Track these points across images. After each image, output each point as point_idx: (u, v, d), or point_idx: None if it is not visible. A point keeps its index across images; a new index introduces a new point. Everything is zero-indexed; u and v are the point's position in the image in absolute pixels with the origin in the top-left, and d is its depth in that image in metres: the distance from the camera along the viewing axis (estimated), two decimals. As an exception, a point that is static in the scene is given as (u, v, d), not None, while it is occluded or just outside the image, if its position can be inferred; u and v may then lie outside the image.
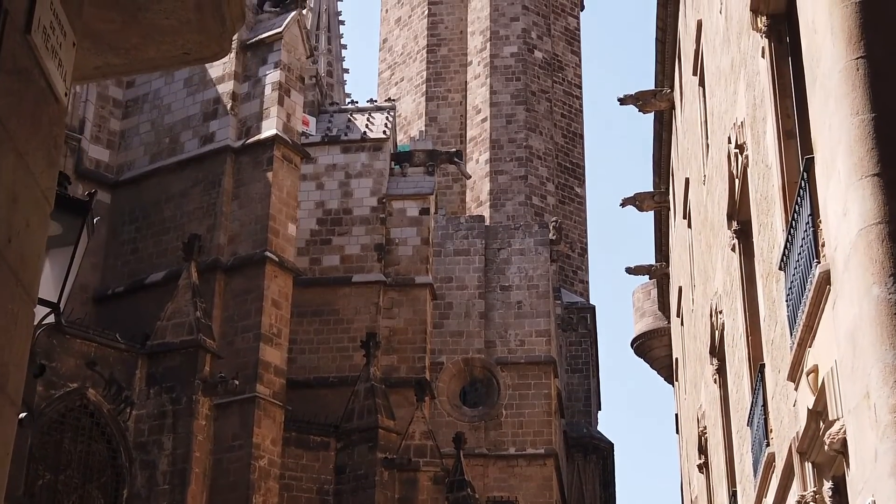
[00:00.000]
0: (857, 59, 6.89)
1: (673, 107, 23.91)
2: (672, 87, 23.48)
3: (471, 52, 48.32)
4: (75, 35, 4.70)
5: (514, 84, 46.75)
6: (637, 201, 27.39)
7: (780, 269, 9.36)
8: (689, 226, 20.73)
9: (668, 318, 31.69)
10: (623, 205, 27.29)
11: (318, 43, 58.41)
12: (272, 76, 25.36)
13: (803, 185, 8.10)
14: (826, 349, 7.65)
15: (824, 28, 7.28)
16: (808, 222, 8.01)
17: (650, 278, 32.02)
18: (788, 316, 9.02)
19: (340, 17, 61.56)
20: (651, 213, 28.84)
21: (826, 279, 7.38)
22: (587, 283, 47.06)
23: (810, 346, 8.17)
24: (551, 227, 37.92)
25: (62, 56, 4.53)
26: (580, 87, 50.02)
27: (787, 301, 9.08)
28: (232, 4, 5.07)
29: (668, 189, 26.60)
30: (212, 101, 25.96)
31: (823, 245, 7.61)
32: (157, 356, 21.92)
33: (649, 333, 35.73)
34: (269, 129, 24.93)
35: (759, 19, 10.30)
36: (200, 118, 25.98)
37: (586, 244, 47.57)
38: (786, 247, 8.90)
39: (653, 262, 30.67)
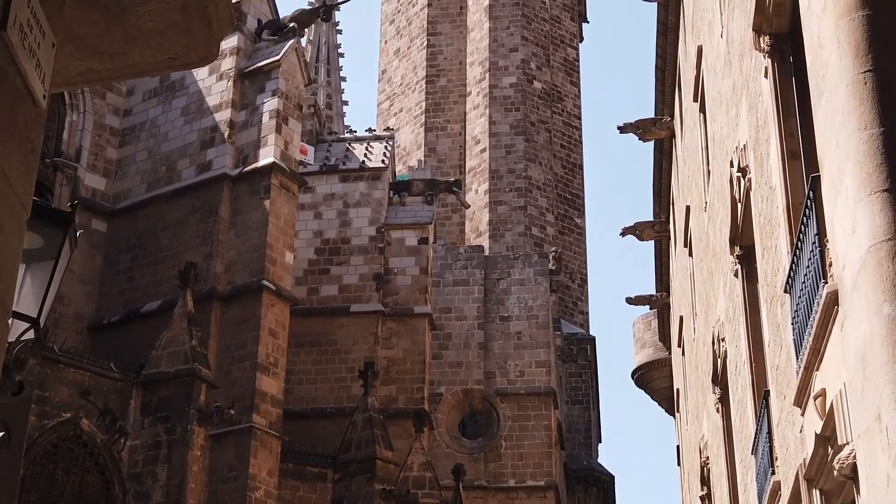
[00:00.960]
0: (865, 72, 6.74)
1: (673, 135, 23.85)
2: (672, 116, 23.44)
3: (470, 83, 48.32)
4: (56, 37, 4.52)
5: (514, 114, 46.70)
6: (637, 231, 27.30)
7: (785, 291, 9.18)
8: (690, 254, 20.63)
9: (668, 348, 31.52)
10: (623, 234, 27.18)
11: (318, 75, 58.52)
12: (270, 104, 25.25)
13: (809, 204, 7.94)
14: (834, 372, 7.47)
15: (830, 42, 7.13)
16: (814, 242, 7.84)
17: (651, 308, 31.88)
18: (794, 339, 8.84)
19: (340, 50, 61.79)
20: (651, 243, 28.76)
21: (834, 299, 7.20)
22: (587, 314, 46.84)
23: (817, 370, 7.98)
24: (551, 258, 37.76)
25: (41, 56, 4.35)
26: (579, 118, 50.00)
27: (792, 324, 8.90)
28: (219, 6, 4.89)
29: (668, 218, 26.52)
30: (209, 130, 25.85)
31: (831, 265, 7.44)
32: (152, 385, 21.68)
33: (650, 364, 35.52)
34: (266, 157, 24.80)
35: (761, 39, 10.19)
36: (197, 146, 25.86)
37: (586, 275, 47.38)
38: (791, 269, 8.73)
39: (653, 292, 30.54)
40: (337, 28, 61.86)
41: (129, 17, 4.80)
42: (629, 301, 30.54)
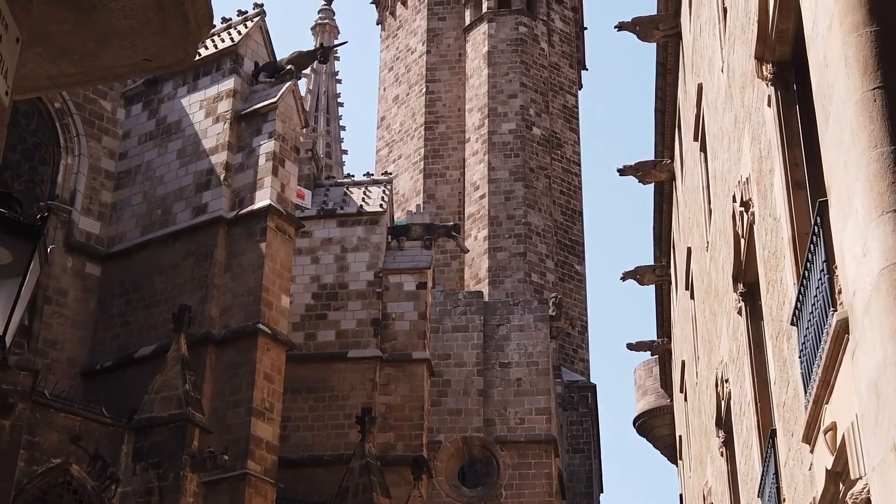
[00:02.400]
0: (874, 89, 6.54)
1: (673, 177, 23.81)
2: (672, 158, 23.40)
3: (469, 129, 48.30)
4: (22, 32, 4.25)
5: (513, 161, 46.63)
6: (638, 275, 27.20)
7: (791, 324, 8.95)
8: (692, 297, 20.50)
9: (670, 395, 31.29)
10: (624, 278, 27.06)
11: (317, 124, 58.66)
12: (266, 146, 25.10)
13: (816, 230, 7.72)
14: (845, 404, 7.21)
15: (837, 60, 6.92)
16: (822, 269, 7.61)
17: (652, 354, 31.68)
18: (802, 373, 8.60)
19: (339, 99, 62.02)
20: (652, 288, 28.64)
21: (844, 328, 6.96)
22: (588, 361, 46.51)
23: (827, 403, 7.74)
24: (551, 303, 37.49)
25: (3, 50, 4.07)
26: (579, 165, 49.97)
27: (800, 357, 8.66)
28: (197, 4, 4.63)
29: (669, 262, 26.43)
30: (205, 172, 25.68)
31: (840, 292, 7.20)
32: (144, 430, 21.30)
33: (652, 412, 35.22)
34: (262, 199, 24.60)
35: (764, 67, 10.03)
36: (193, 189, 25.68)
37: (586, 322, 47.11)
38: (798, 300, 8.51)
39: (654, 337, 30.35)
40: (336, 78, 62.16)
41: (101, 13, 4.54)
42: (630, 347, 30.37)
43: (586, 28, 54.65)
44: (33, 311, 24.27)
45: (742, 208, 11.82)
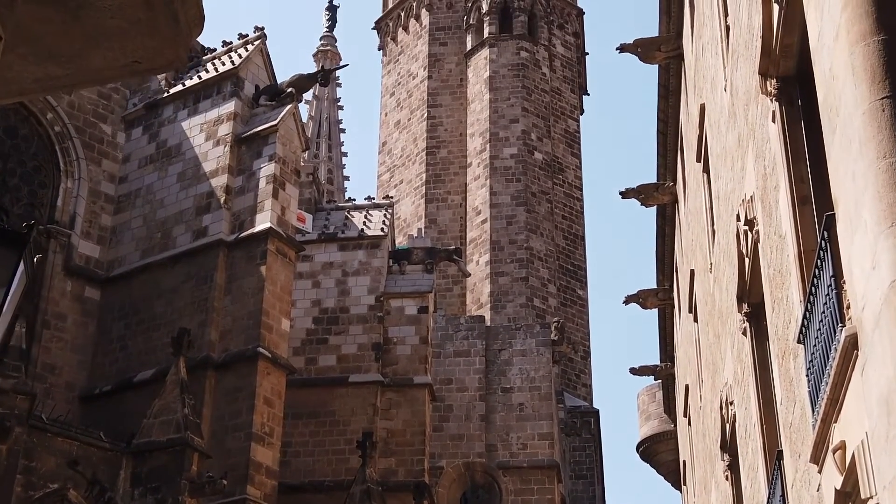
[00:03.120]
0: (882, 98, 6.43)
1: (675, 200, 23.74)
2: (674, 181, 23.31)
3: (470, 154, 48.25)
4: (5, 31, 4.11)
5: (515, 185, 46.55)
6: (640, 299, 27.09)
7: (798, 342, 8.81)
8: (696, 320, 20.40)
9: (674, 420, 31.12)
10: (626, 302, 26.96)
11: (319, 150, 58.66)
12: (267, 169, 25.00)
13: (824, 245, 7.59)
14: (854, 421, 7.06)
15: (844, 70, 6.81)
16: (830, 285, 7.48)
17: (655, 379, 31.53)
18: (810, 392, 8.46)
19: (341, 125, 62.07)
20: (655, 312, 28.51)
21: (853, 343, 6.82)
22: (590, 386, 46.28)
23: (836, 422, 7.59)
24: (553, 328, 37.33)
25: (-16, 49, 3.94)
26: (581, 189, 49.88)
27: (807, 376, 8.53)
28: (187, 3, 4.49)
29: (671, 286, 26.33)
30: (205, 195, 25.57)
31: (849, 307, 7.06)
32: (143, 455, 21.10)
33: (655, 437, 35.00)
34: (262, 222, 24.48)
35: (768, 82, 9.92)
36: (193, 212, 25.56)
37: (589, 347, 46.91)
38: (805, 317, 8.38)
39: (657, 362, 30.21)
40: (338, 104, 62.21)
41: (89, 13, 4.41)
42: (633, 372, 30.21)
43: (587, 53, 54.75)
44: (32, 335, 24.11)
45: (746, 227, 11.70)
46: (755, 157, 11.11)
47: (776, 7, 9.21)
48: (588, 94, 54.43)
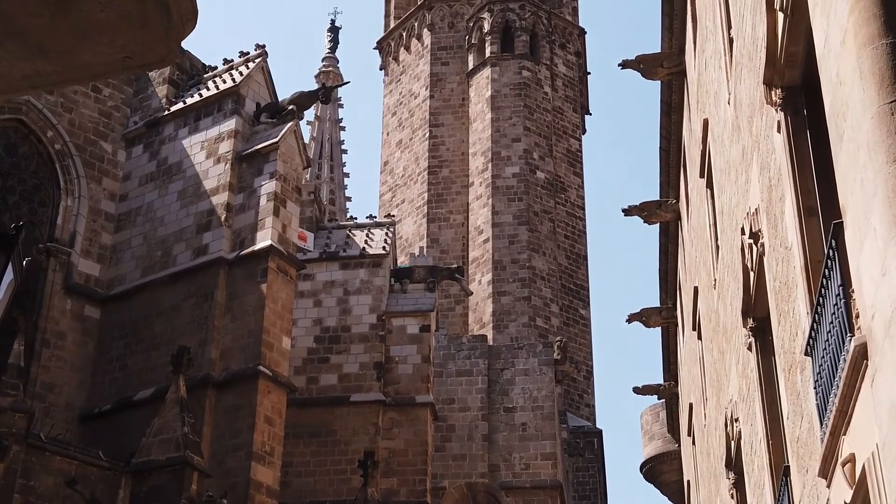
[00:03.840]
0: (891, 102, 6.32)
1: (678, 218, 23.67)
2: (677, 198, 23.23)
3: (472, 173, 48.18)
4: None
5: (517, 204, 46.44)
6: (644, 317, 26.98)
7: (805, 355, 8.69)
8: (700, 337, 20.30)
9: (678, 440, 30.97)
10: (629, 321, 26.85)
11: (321, 171, 58.64)
12: (267, 186, 24.89)
13: (831, 254, 7.48)
14: (864, 433, 6.93)
15: (852, 75, 6.70)
16: (838, 294, 7.37)
17: (659, 398, 31.38)
18: (818, 405, 8.33)
19: (343, 146, 62.07)
20: (658, 330, 28.41)
21: (862, 353, 6.70)
22: (593, 406, 46.06)
23: (845, 435, 7.45)
24: (556, 347, 37.16)
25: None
26: (583, 209, 49.77)
27: (815, 388, 8.40)
28: (180, -4, 4.36)
29: (675, 304, 26.23)
30: (205, 213, 25.46)
31: (857, 316, 6.94)
32: (142, 474, 20.91)
33: (659, 457, 34.83)
34: (263, 240, 24.34)
35: (773, 92, 9.83)
36: (194, 230, 25.43)
37: (592, 367, 46.72)
38: (812, 328, 8.25)
39: (661, 381, 30.08)
40: (340, 125, 62.23)
41: (78, 6, 4.29)
42: (636, 391, 30.09)
43: (589, 73, 54.76)
44: (31, 354, 23.97)
45: (751, 240, 11.60)
46: (760, 170, 11.01)
47: (781, 16, 9.13)
48: (590, 114, 54.44)
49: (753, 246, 11.50)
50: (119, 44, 4.45)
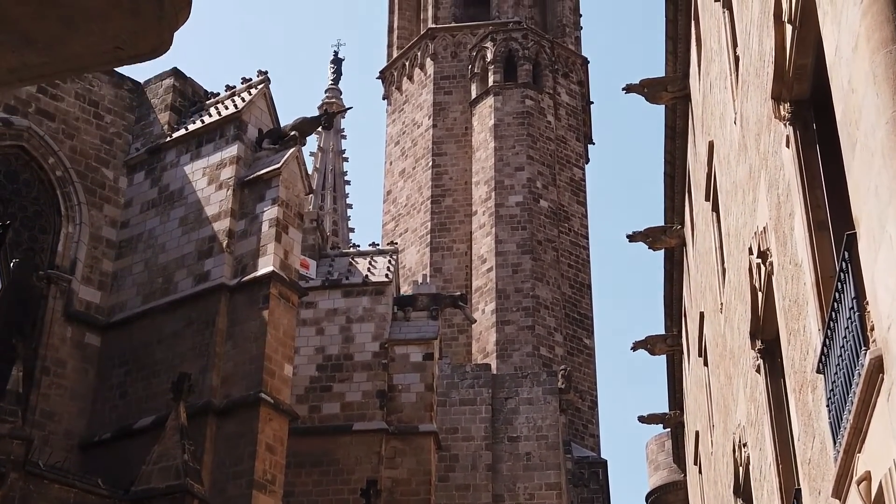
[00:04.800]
0: (906, 107, 6.16)
1: (683, 243, 23.57)
2: (682, 224, 23.13)
3: (476, 202, 48.05)
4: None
5: (520, 233, 46.28)
6: (649, 345, 26.86)
7: (817, 372, 8.51)
8: (706, 363, 20.18)
9: (683, 470, 30.73)
10: (634, 348, 26.72)
11: (324, 203, 58.57)
12: (270, 213, 24.74)
13: (844, 266, 7.31)
14: (880, 450, 6.75)
15: (865, 81, 6.56)
16: (851, 307, 7.21)
17: (664, 427, 31.16)
18: (831, 423, 8.15)
19: (346, 177, 62.04)
20: (664, 358, 28.27)
21: (878, 366, 6.53)
22: (598, 437, 45.71)
23: (860, 452, 7.27)
24: (560, 376, 36.92)
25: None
26: (587, 238, 49.60)
27: (828, 406, 8.22)
28: (171, -17, 4.20)
29: (680, 332, 26.10)
30: (207, 240, 25.30)
31: (872, 329, 6.78)
32: (142, 502, 20.66)
33: (665, 487, 34.61)
34: (265, 266, 24.15)
35: (781, 107, 9.71)
36: (195, 257, 25.27)
37: (596, 397, 46.41)
38: (824, 345, 8.08)
39: (666, 410, 29.89)
40: (343, 156, 62.24)
41: (66, -8, 4.12)
42: (642, 420, 29.90)
43: (592, 102, 54.74)
44: (31, 382, 23.77)
45: (759, 259, 11.46)
46: (768, 187, 10.89)
47: (789, 28, 9.01)
48: (593, 144, 54.38)
49: (762, 265, 11.37)
50: (110, 33, 4.29)
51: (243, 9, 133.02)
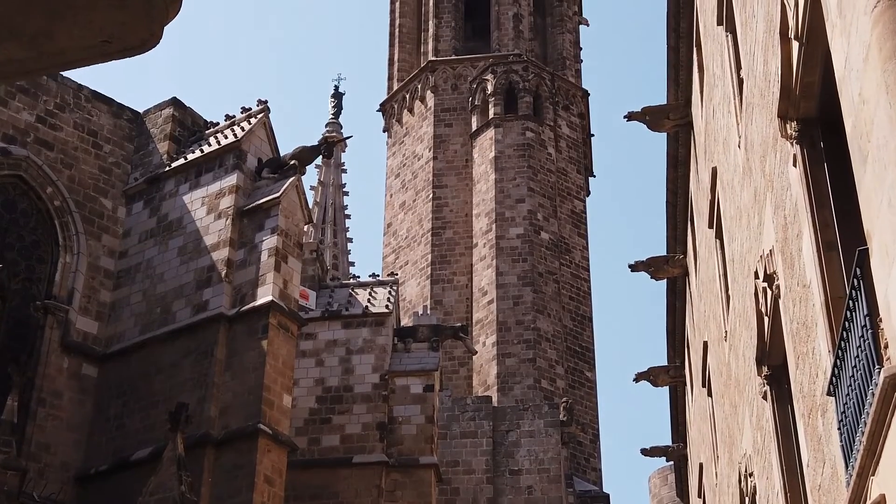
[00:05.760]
0: (921, 116, 6.01)
1: (686, 273, 23.44)
2: (685, 253, 23.00)
3: (476, 234, 47.92)
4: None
5: (521, 265, 46.10)
6: (651, 376, 26.66)
7: (828, 394, 8.32)
8: (710, 393, 20.01)
9: (687, 503, 30.43)
10: (637, 380, 26.52)
11: (324, 237, 58.46)
12: (269, 242, 24.57)
13: (856, 283, 7.13)
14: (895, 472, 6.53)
15: (877, 91, 6.41)
16: (864, 325, 7.02)
17: (667, 460, 30.89)
18: (842, 446, 7.95)
19: (346, 212, 61.99)
20: (666, 390, 28.08)
21: (892, 384, 6.36)
22: (600, 471, 45.34)
23: (873, 475, 7.09)
24: (562, 408, 36.65)
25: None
26: (588, 270, 49.44)
27: (839, 429, 8.02)
28: (160, -28, 4.03)
29: (683, 363, 25.93)
30: (206, 269, 25.12)
31: (886, 346, 6.59)
32: (138, 535, 20.41)
33: (668, 522, 34.23)
34: (264, 295, 23.97)
35: (788, 125, 9.57)
36: (194, 286, 25.09)
37: (598, 430, 46.09)
38: (835, 366, 7.90)
39: (669, 443, 29.65)
40: (343, 190, 62.19)
41: (52, -18, 3.95)
42: (644, 453, 29.64)
43: (593, 135, 54.77)
44: (27, 413, 23.53)
45: (765, 283, 11.30)
46: (774, 209, 10.74)
47: (795, 45, 8.89)
48: (594, 176, 54.35)
49: (768, 289, 11.21)
50: (97, 25, 4.12)
51: (244, 41, 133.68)
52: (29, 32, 4.11)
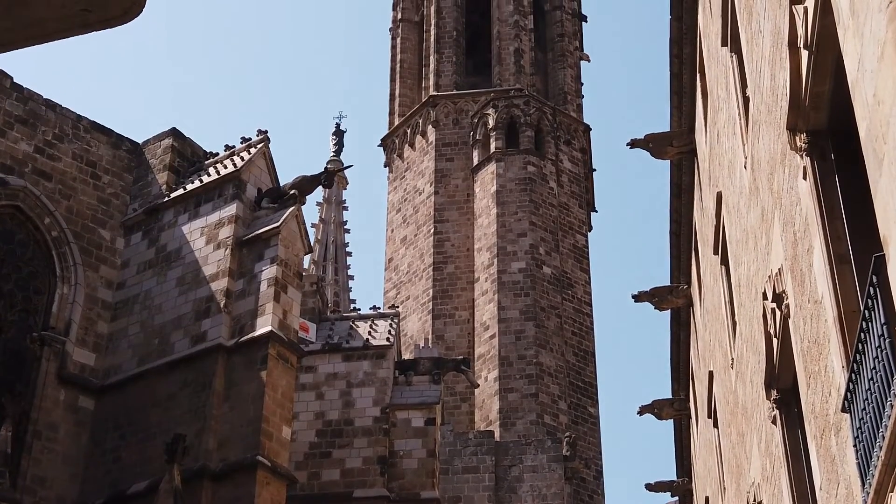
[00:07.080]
0: (941, 112, 5.80)
1: (690, 303, 23.23)
2: (689, 283, 22.80)
3: (478, 269, 47.72)
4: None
5: (523, 300, 45.87)
6: (655, 409, 26.37)
7: (843, 411, 8.05)
8: (715, 424, 19.72)
9: (693, 540, 29.99)
10: (641, 413, 26.24)
11: (325, 273, 58.25)
12: (268, 272, 24.32)
13: (872, 292, 6.88)
14: (917, 486, 6.27)
15: (893, 89, 6.22)
16: (881, 335, 6.78)
17: (672, 495, 30.50)
18: (858, 463, 7.69)
19: (347, 248, 61.87)
20: (671, 425, 27.79)
21: (912, 395, 6.06)
22: (604, 508, 44.93)
23: (892, 491, 6.84)
24: (565, 443, 36.29)
25: None
26: (590, 305, 49.20)
27: (855, 446, 7.76)
28: (141, -64, 3.80)
29: (687, 395, 25.65)
30: (204, 300, 24.86)
31: (905, 355, 6.32)
32: (134, 569, 20.05)
33: (673, 559, 33.71)
34: (263, 325, 23.68)
35: (797, 138, 9.37)
36: (192, 317, 24.81)
37: (601, 466, 45.69)
38: (850, 380, 7.65)
39: (674, 477, 29.31)
40: (345, 227, 62.10)
41: (27, -53, 3.72)
42: (649, 488, 29.28)
43: (595, 170, 54.68)
44: (22, 446, 23.19)
45: (774, 304, 11.07)
46: (783, 227, 10.54)
47: (805, 54, 8.69)
48: (596, 211, 54.20)
49: (777, 310, 10.98)
50: (76, -6, 3.87)
51: (245, 75, 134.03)
52: (5, 3, 3.87)
